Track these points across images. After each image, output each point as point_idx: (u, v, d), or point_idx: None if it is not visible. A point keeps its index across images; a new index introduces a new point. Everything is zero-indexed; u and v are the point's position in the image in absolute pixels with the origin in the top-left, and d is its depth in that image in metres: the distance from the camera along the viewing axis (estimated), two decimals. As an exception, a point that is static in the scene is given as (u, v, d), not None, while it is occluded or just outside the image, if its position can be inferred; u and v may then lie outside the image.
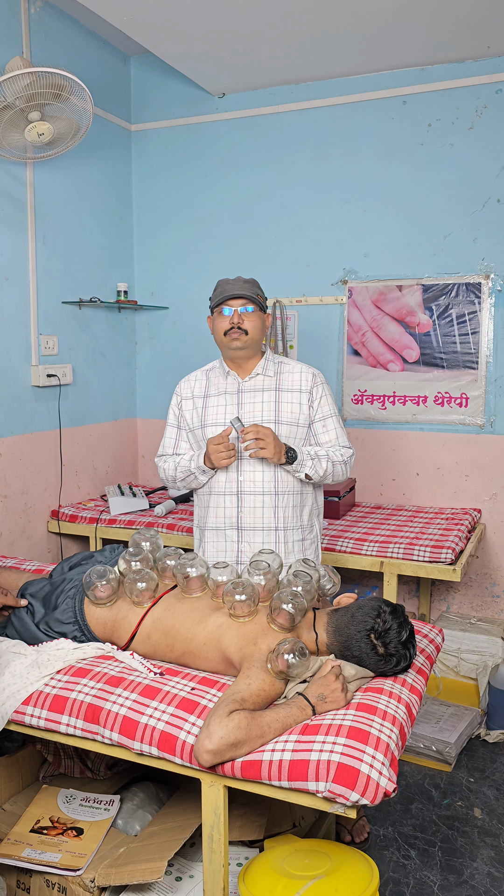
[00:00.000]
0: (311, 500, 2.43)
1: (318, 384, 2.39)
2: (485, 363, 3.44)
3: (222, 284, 2.35)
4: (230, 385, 2.40)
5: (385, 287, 3.58)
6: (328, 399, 2.40)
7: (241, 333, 2.30)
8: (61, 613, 2.02)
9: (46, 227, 3.40)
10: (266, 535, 2.34)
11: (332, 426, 2.39)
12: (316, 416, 2.38)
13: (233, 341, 2.31)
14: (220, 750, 1.53)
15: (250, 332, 2.30)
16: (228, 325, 2.30)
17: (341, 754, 1.51)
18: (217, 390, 2.41)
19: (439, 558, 2.86)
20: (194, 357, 4.01)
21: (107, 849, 1.93)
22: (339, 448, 2.37)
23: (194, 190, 3.92)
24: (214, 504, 2.38)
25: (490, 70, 3.31)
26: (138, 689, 1.76)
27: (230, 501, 2.35)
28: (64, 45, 3.44)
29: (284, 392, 2.36)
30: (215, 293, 2.35)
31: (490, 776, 2.74)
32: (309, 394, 2.37)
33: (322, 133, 3.63)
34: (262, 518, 2.33)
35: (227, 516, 2.36)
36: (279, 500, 2.33)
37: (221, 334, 2.33)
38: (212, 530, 2.40)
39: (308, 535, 2.43)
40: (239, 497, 2.34)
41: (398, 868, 2.25)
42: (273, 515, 2.33)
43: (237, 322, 2.29)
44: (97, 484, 3.85)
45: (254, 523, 2.34)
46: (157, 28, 3.06)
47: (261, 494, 2.32)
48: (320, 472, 2.31)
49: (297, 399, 2.36)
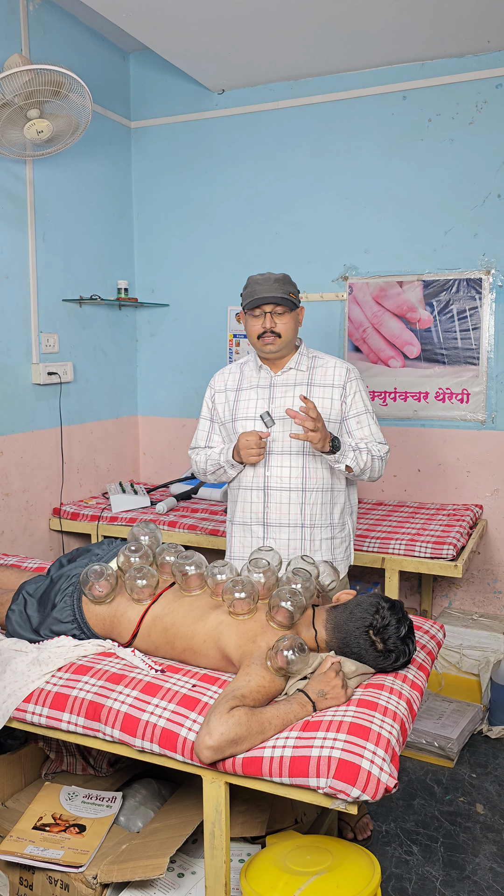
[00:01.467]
0: (343, 498, 2.37)
1: (351, 379, 2.33)
2: (486, 359, 3.43)
3: (252, 284, 2.26)
4: (262, 379, 2.37)
5: (386, 283, 3.57)
6: (362, 395, 2.35)
7: (275, 338, 2.25)
8: (59, 612, 2.02)
9: (46, 224, 3.40)
10: (292, 531, 2.30)
11: (366, 422, 2.34)
12: (349, 412, 2.33)
13: (266, 346, 2.27)
14: (220, 746, 1.54)
15: (284, 335, 2.26)
16: (261, 329, 2.26)
17: (342, 750, 1.51)
18: (249, 384, 2.38)
19: (441, 554, 2.86)
20: (195, 354, 4.02)
21: (109, 845, 1.93)
22: (375, 444, 2.32)
23: (194, 187, 3.91)
24: (242, 499, 2.36)
25: (490, 65, 3.30)
26: (139, 687, 1.76)
27: (257, 496, 2.33)
28: (63, 42, 3.43)
29: (317, 387, 2.32)
30: (246, 293, 2.28)
31: (492, 772, 2.74)
32: (342, 389, 2.32)
33: (322, 129, 3.62)
34: (288, 514, 2.30)
35: (253, 511, 2.34)
36: (307, 496, 2.29)
37: (255, 337, 2.29)
38: (239, 525, 2.39)
39: (339, 533, 2.37)
40: (266, 492, 2.31)
41: (400, 864, 2.25)
42: (300, 512, 2.30)
43: (270, 326, 2.25)
44: (98, 481, 3.86)
45: (280, 519, 2.31)
46: (156, 25, 3.05)
47: (287, 490, 2.29)
48: (360, 465, 2.25)
49: (329, 394, 2.31)
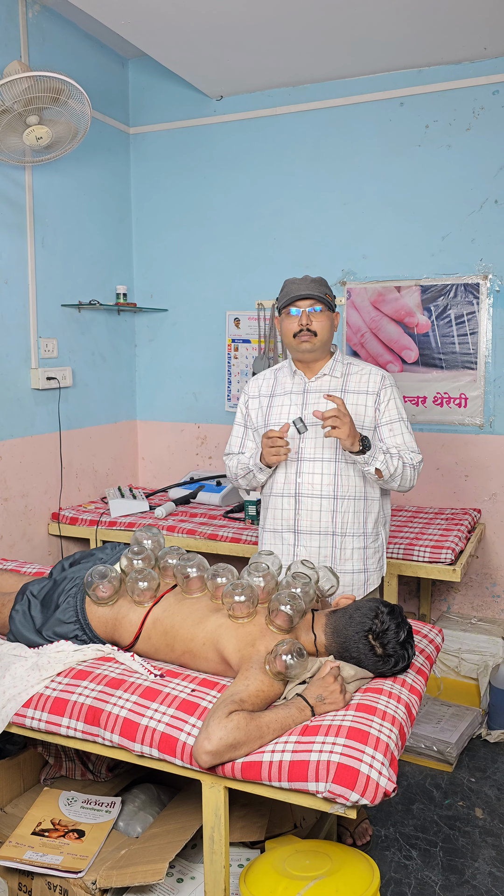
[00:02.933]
0: (377, 508, 2.34)
1: (386, 386, 2.30)
2: (483, 363, 3.44)
3: (288, 285, 2.27)
4: (296, 385, 2.35)
5: (384, 288, 3.58)
6: (396, 402, 2.31)
7: (311, 335, 2.23)
8: (62, 613, 2.02)
9: (45, 230, 3.41)
10: (323, 539, 2.28)
11: (399, 430, 2.29)
12: (382, 420, 2.29)
13: (301, 343, 2.25)
14: (219, 751, 1.54)
15: (319, 333, 2.24)
16: (297, 327, 2.24)
17: (341, 755, 1.52)
18: (283, 390, 2.37)
19: (439, 558, 2.86)
20: (194, 359, 4.03)
21: (108, 851, 1.93)
22: (408, 452, 2.28)
23: (193, 192, 3.93)
24: (273, 505, 2.34)
25: (487, 71, 3.31)
26: (138, 691, 1.76)
27: (288, 503, 2.31)
28: (62, 48, 3.45)
29: (350, 394, 2.30)
30: (282, 294, 2.28)
31: (491, 776, 2.74)
32: (376, 396, 2.29)
33: (320, 135, 3.64)
34: (318, 522, 2.27)
35: (284, 518, 2.32)
36: (338, 504, 2.26)
37: (290, 336, 2.27)
38: (270, 532, 2.37)
39: (372, 543, 2.34)
40: (297, 499, 2.29)
41: (399, 868, 2.25)
42: (331, 520, 2.27)
43: (306, 323, 2.22)
44: (97, 486, 3.86)
45: (310, 527, 2.28)
46: (155, 31, 3.07)
47: (318, 497, 2.26)
48: (391, 470, 2.20)
49: (363, 401, 2.29)
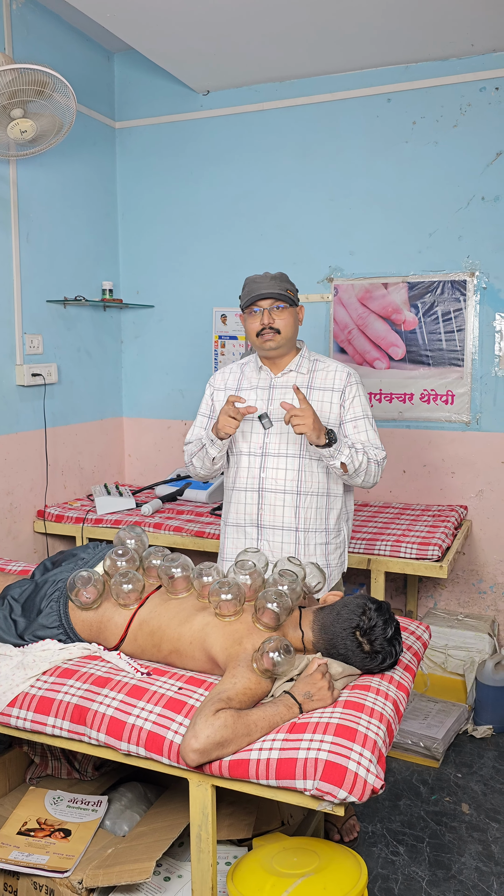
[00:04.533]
0: (339, 504, 2.36)
1: (351, 384, 2.32)
2: (470, 360, 3.45)
3: (250, 283, 2.27)
4: (262, 380, 2.36)
5: (371, 285, 3.58)
6: (361, 399, 2.33)
7: (274, 333, 2.24)
8: (45, 618, 2.00)
9: (30, 225, 3.38)
10: (286, 535, 2.29)
11: (363, 427, 2.31)
12: (347, 416, 2.31)
13: (266, 342, 2.26)
14: (206, 749, 1.53)
15: (283, 331, 2.25)
16: (260, 326, 2.25)
17: (329, 752, 1.51)
18: (249, 384, 2.37)
19: (426, 555, 2.87)
20: (180, 355, 4.01)
21: (95, 850, 1.92)
22: (371, 449, 2.29)
23: (179, 188, 3.91)
24: (236, 500, 2.35)
25: (474, 68, 3.32)
26: (125, 690, 1.75)
27: (251, 498, 2.31)
28: (46, 41, 3.41)
29: (316, 390, 2.31)
30: (244, 292, 2.28)
31: (477, 771, 2.76)
32: (342, 393, 2.31)
33: (307, 130, 3.63)
34: (282, 517, 2.28)
35: (247, 513, 2.33)
36: (301, 499, 2.28)
37: (254, 335, 2.27)
38: (233, 526, 2.37)
39: (333, 539, 2.36)
40: (260, 494, 2.30)
41: (387, 864, 2.26)
42: (294, 515, 2.28)
43: (268, 322, 2.23)
44: (83, 483, 3.84)
45: (273, 522, 2.29)
46: (141, 25, 3.04)
47: (282, 493, 2.28)
48: (356, 464, 2.21)
49: (328, 398, 2.30)
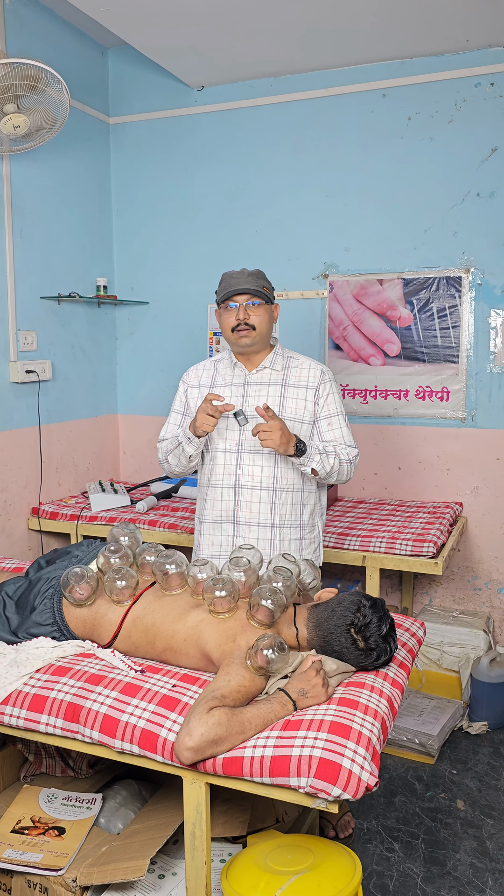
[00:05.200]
0: (313, 500, 2.39)
1: (325, 381, 2.34)
2: (465, 357, 3.45)
3: (227, 278, 2.29)
4: (237, 377, 2.36)
5: (366, 281, 3.58)
6: (335, 397, 2.36)
7: (249, 329, 2.25)
8: (39, 615, 1.99)
9: (24, 221, 3.36)
10: (262, 531, 2.31)
11: (337, 424, 2.34)
12: (321, 414, 2.34)
13: (241, 338, 2.27)
14: (200, 747, 1.52)
15: (258, 327, 2.26)
16: (235, 322, 2.26)
17: (323, 749, 1.51)
18: (224, 381, 2.38)
19: (421, 552, 2.86)
20: (175, 352, 4.00)
21: (89, 848, 1.91)
22: (344, 447, 2.32)
23: (174, 183, 3.89)
24: (212, 496, 2.36)
25: (469, 63, 3.31)
26: (119, 687, 1.74)
27: (227, 495, 2.33)
28: (40, 36, 3.39)
29: (290, 387, 2.33)
30: (220, 287, 2.30)
31: (472, 768, 2.76)
32: (315, 390, 2.33)
33: (302, 126, 3.61)
34: (258, 513, 2.30)
35: (223, 510, 2.34)
36: (277, 496, 2.30)
37: (229, 331, 2.28)
38: (209, 523, 2.38)
39: (308, 534, 2.39)
40: (236, 490, 2.31)
41: (381, 861, 2.26)
42: (270, 512, 2.31)
43: (244, 318, 2.24)
44: (78, 481, 3.82)
45: (250, 518, 2.31)
46: (135, 20, 3.03)
47: (258, 489, 2.30)
48: (327, 468, 2.26)
49: (302, 395, 2.32)
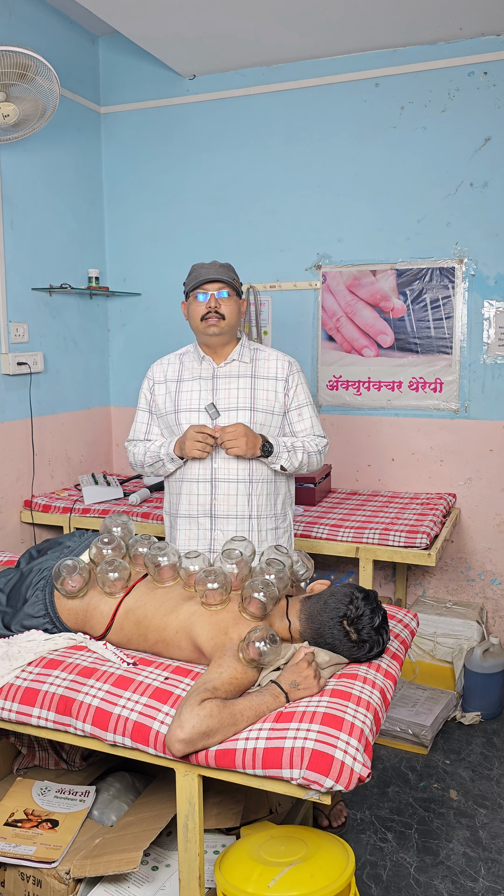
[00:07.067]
0: (284, 489, 2.43)
1: (293, 372, 2.37)
2: (459, 348, 3.44)
3: (197, 269, 2.31)
4: (205, 370, 2.36)
5: (359, 272, 3.56)
6: (304, 387, 2.39)
7: (219, 318, 2.26)
8: (31, 607, 1.98)
9: (14, 211, 3.33)
10: (240, 523, 2.33)
11: (307, 415, 2.38)
12: (291, 405, 2.36)
13: (210, 327, 2.27)
14: (191, 739, 1.52)
15: (227, 317, 2.27)
16: (205, 310, 2.26)
17: (315, 741, 1.51)
18: (191, 375, 2.37)
19: (414, 543, 2.86)
20: (168, 344, 3.97)
21: (82, 840, 1.91)
22: (313, 437, 2.37)
23: (166, 173, 3.86)
24: (187, 491, 2.36)
25: (462, 52, 3.29)
26: (111, 680, 1.73)
27: (204, 489, 2.33)
28: (29, 24, 3.35)
29: (260, 379, 2.34)
30: (190, 277, 2.31)
31: (465, 758, 2.77)
32: (285, 382, 2.35)
33: (294, 115, 3.59)
34: (235, 506, 2.32)
35: (200, 504, 2.34)
36: (253, 487, 2.32)
37: (198, 320, 2.29)
38: (184, 518, 2.38)
39: (281, 523, 2.42)
40: (213, 484, 2.32)
41: (375, 851, 2.27)
42: (247, 503, 2.32)
43: (214, 307, 2.25)
44: (70, 473, 3.81)
45: (227, 511, 2.32)
46: (126, 8, 2.99)
47: (235, 482, 2.31)
48: (295, 464, 2.32)
49: (272, 387, 2.34)
